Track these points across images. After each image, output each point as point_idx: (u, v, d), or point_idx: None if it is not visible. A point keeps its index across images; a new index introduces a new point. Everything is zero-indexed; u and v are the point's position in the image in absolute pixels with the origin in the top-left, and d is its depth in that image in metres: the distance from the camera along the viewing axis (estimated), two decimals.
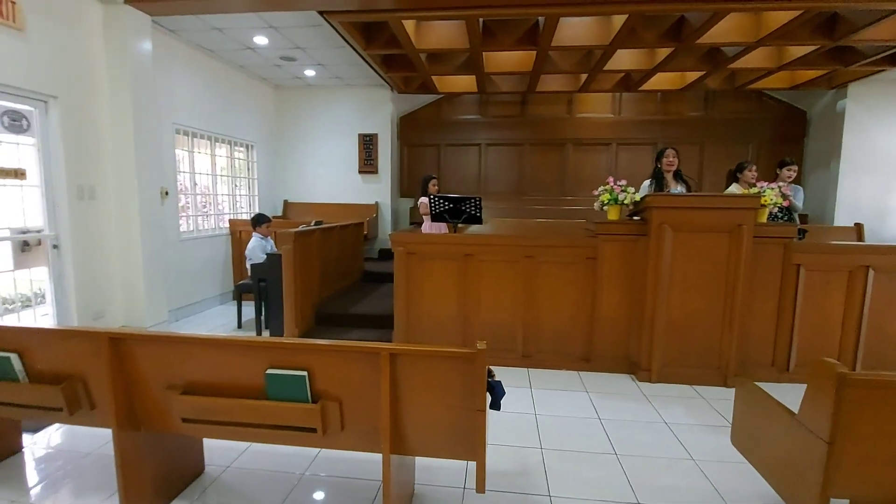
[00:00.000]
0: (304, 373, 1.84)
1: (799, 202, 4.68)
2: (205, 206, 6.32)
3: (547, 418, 3.16)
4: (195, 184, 6.02)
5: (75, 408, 2.07)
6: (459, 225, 4.78)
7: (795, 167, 4.78)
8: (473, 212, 4.47)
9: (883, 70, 5.88)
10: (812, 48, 5.24)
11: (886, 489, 1.55)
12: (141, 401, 2.08)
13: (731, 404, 3.40)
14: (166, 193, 5.32)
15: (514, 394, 3.54)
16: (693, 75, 6.45)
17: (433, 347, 1.74)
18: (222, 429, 1.98)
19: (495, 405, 1.78)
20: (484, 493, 1.79)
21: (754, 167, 4.73)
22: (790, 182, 4.62)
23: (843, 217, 6.65)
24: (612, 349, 3.94)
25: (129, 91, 4.44)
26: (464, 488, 2.38)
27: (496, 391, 1.77)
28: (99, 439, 2.76)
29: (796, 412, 1.74)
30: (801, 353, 3.82)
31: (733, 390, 3.65)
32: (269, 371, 1.85)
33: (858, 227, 5.55)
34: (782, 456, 1.77)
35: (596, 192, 4.01)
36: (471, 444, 1.78)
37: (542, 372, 3.98)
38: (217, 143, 6.40)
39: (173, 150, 5.48)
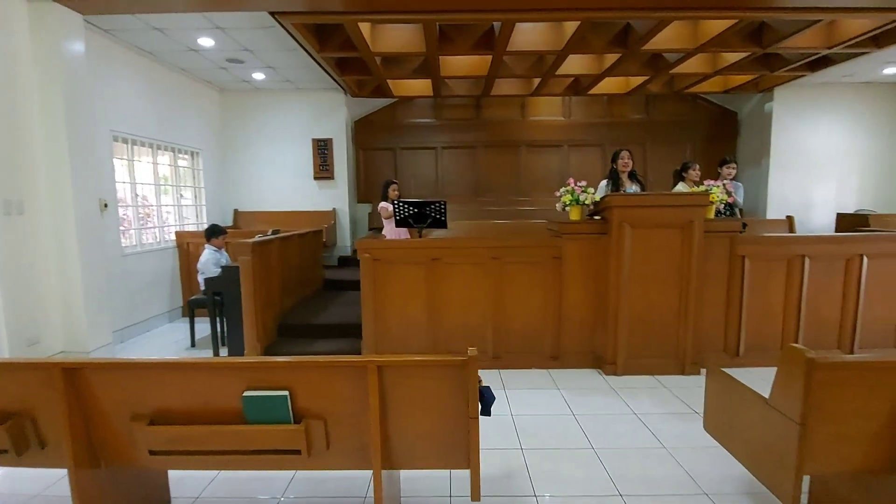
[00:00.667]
0: (286, 392, 1.75)
1: (740, 198, 5.01)
2: (148, 217, 5.93)
3: (523, 418, 3.20)
4: (136, 195, 5.63)
5: (23, 448, 1.87)
6: (424, 230, 4.76)
7: (735, 165, 5.11)
8: (438, 216, 4.47)
9: (804, 75, 6.42)
10: (743, 55, 5.64)
11: (853, 463, 1.68)
12: (101, 435, 1.91)
13: (691, 392, 3.63)
14: (105, 206, 4.94)
15: None
16: (637, 80, 6.77)
17: (423, 357, 1.71)
18: (196, 459, 1.85)
19: (486, 411, 1.77)
20: (479, 500, 1.78)
21: (698, 167, 5.02)
22: (731, 179, 4.94)
23: (774, 210, 7.20)
24: (579, 346, 4.05)
25: (61, 96, 4.09)
26: (450, 496, 2.35)
27: (486, 397, 1.77)
28: (45, 480, 2.51)
29: (766, 397, 1.85)
30: (749, 339, 4.09)
31: (691, 378, 3.90)
32: (247, 393, 1.75)
33: (790, 220, 6.03)
34: (757, 439, 1.88)
35: (558, 194, 4.11)
36: (464, 452, 1.76)
37: (513, 372, 4.02)
38: (159, 151, 6.03)
39: (111, 159, 5.10)
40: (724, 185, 4.04)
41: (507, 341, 4.09)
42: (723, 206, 4.16)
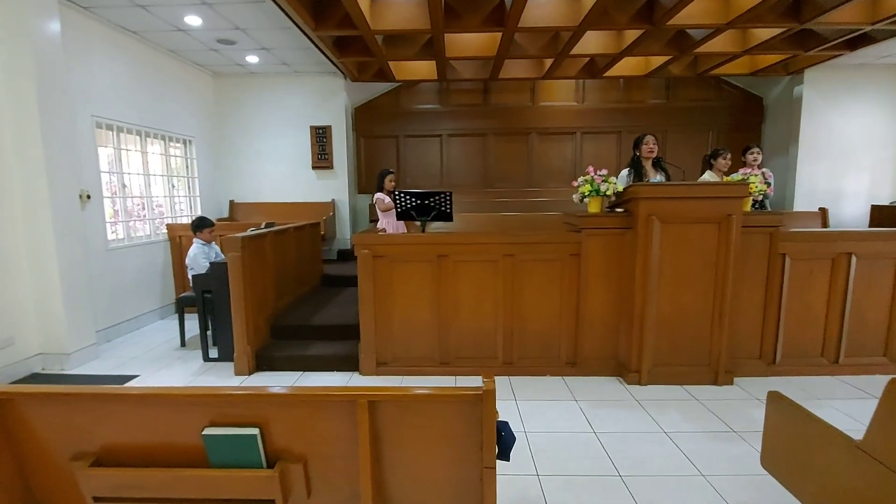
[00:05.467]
0: (255, 430, 1.40)
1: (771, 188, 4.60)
2: (142, 210, 5.59)
3: (538, 436, 2.85)
4: (124, 185, 5.29)
5: None
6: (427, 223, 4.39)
7: (759, 150, 4.69)
8: (443, 208, 4.10)
9: (840, 55, 5.94)
10: (777, 31, 5.18)
11: None
12: (40, 478, 1.57)
13: (727, 406, 3.26)
14: (88, 197, 4.61)
15: (498, 407, 3.20)
16: (658, 60, 6.32)
17: (427, 390, 1.35)
18: None
19: (504, 455, 1.43)
20: None
21: (728, 155, 4.61)
22: (756, 166, 4.54)
23: (801, 202, 6.75)
24: (598, 351, 3.69)
25: (32, 79, 3.75)
26: None
27: (505, 438, 1.42)
28: None
29: (856, 438, 1.48)
30: (787, 345, 3.71)
31: (725, 388, 3.53)
32: (208, 431, 1.41)
33: (823, 212, 5.60)
34: (838, 487, 1.52)
35: (576, 183, 3.72)
36: None
37: (526, 380, 3.67)
38: (149, 139, 5.67)
39: (94, 148, 4.75)
40: (762, 173, 3.63)
41: (521, 346, 3.73)
42: (761, 196, 3.75)
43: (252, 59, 6.10)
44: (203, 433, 1.40)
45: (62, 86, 4.03)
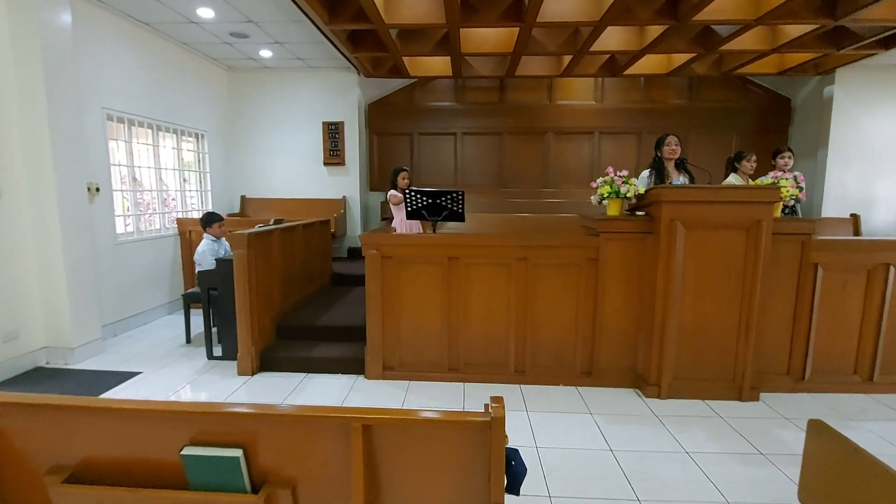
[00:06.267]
0: (239, 452, 1.28)
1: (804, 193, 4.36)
2: (153, 203, 5.55)
3: (550, 452, 2.69)
4: (134, 179, 5.24)
5: None
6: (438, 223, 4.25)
7: (791, 154, 4.47)
8: (455, 207, 3.95)
9: (874, 54, 5.64)
10: (810, 28, 4.92)
11: None
12: (16, 491, 1.47)
13: (752, 424, 3.06)
14: (97, 190, 4.57)
15: (509, 419, 3.05)
16: (681, 58, 6.08)
17: (427, 415, 1.21)
18: None
19: (514, 489, 1.27)
20: None
21: (754, 157, 4.40)
22: (788, 171, 4.30)
23: (830, 208, 6.45)
24: (615, 362, 3.51)
25: (39, 69, 3.70)
26: None
27: (516, 469, 1.27)
28: None
29: None
30: (817, 361, 3.48)
31: (750, 405, 3.32)
32: (187, 451, 1.28)
33: (854, 219, 5.34)
34: None
35: (594, 185, 3.55)
36: None
37: (538, 389, 3.51)
38: (161, 133, 5.62)
39: (105, 140, 4.70)
40: (794, 176, 3.42)
41: (534, 353, 3.57)
42: (792, 201, 3.54)
43: (266, 53, 6.01)
44: (182, 453, 1.28)
45: (71, 77, 3.97)
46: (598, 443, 2.80)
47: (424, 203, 3.94)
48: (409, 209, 4.00)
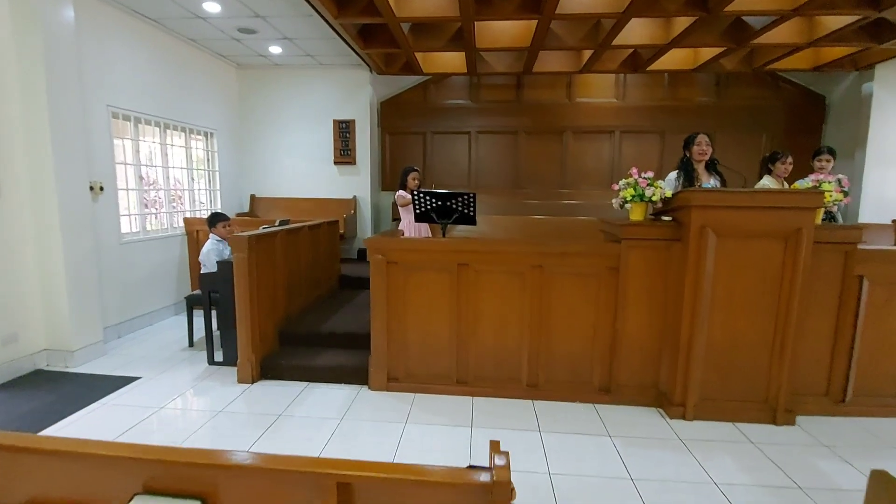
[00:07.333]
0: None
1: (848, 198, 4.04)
2: (160, 203, 5.46)
3: (565, 480, 2.46)
4: (141, 178, 5.15)
5: None
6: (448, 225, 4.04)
7: (831, 157, 4.16)
8: (466, 210, 3.74)
9: None
10: (850, 20, 4.57)
11: None
12: None
13: (787, 451, 2.78)
14: (101, 189, 4.47)
15: (521, 441, 2.84)
16: (708, 53, 5.76)
17: (414, 474, 1.00)
18: None
19: None
20: None
21: (789, 159, 4.10)
22: (827, 174, 3.99)
23: (868, 213, 6.06)
24: (637, 378, 3.26)
25: (41, 64, 3.60)
26: None
27: None
28: None
29: None
30: (859, 382, 3.18)
31: (784, 429, 3.04)
32: (138, 501, 1.10)
33: None
34: None
35: (616, 187, 3.30)
36: None
37: (552, 405, 3.28)
38: (169, 131, 5.53)
39: (110, 138, 4.60)
40: (838, 179, 3.12)
41: (548, 367, 3.34)
42: (835, 207, 3.24)
43: (275, 49, 5.87)
44: (131, 502, 1.10)
45: (74, 74, 3.87)
46: (617, 469, 2.56)
47: (434, 205, 3.74)
48: (418, 212, 3.81)
